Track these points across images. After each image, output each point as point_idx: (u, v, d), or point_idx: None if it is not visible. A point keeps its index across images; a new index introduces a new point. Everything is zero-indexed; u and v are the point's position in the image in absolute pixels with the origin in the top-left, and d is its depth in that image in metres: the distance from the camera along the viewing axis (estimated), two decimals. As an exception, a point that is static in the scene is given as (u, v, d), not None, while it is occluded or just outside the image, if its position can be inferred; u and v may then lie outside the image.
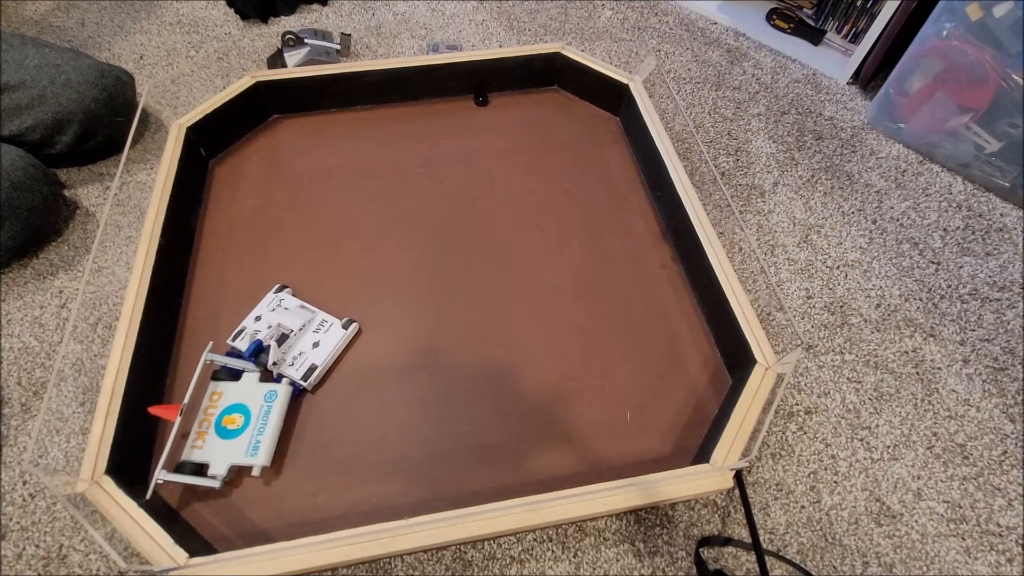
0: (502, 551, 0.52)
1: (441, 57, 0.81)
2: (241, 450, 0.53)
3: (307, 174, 0.76)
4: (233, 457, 0.52)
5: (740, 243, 0.73)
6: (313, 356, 0.58)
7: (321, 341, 0.59)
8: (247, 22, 0.99)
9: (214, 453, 0.53)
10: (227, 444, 0.53)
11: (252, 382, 0.57)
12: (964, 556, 0.53)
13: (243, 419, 0.54)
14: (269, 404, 0.55)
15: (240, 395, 0.56)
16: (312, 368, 0.58)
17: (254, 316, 0.61)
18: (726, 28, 1.01)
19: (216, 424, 0.54)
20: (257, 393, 0.56)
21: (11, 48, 0.71)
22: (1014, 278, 0.70)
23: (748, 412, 0.52)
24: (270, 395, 0.55)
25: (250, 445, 0.53)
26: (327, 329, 0.60)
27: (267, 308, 0.62)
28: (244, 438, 0.53)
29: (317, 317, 0.61)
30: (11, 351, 0.62)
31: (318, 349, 0.59)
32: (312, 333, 0.60)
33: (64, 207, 0.73)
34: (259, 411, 0.55)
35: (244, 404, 0.55)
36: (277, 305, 0.62)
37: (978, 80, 0.72)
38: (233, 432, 0.54)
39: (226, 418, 0.54)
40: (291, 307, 0.62)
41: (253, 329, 0.60)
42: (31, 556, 0.51)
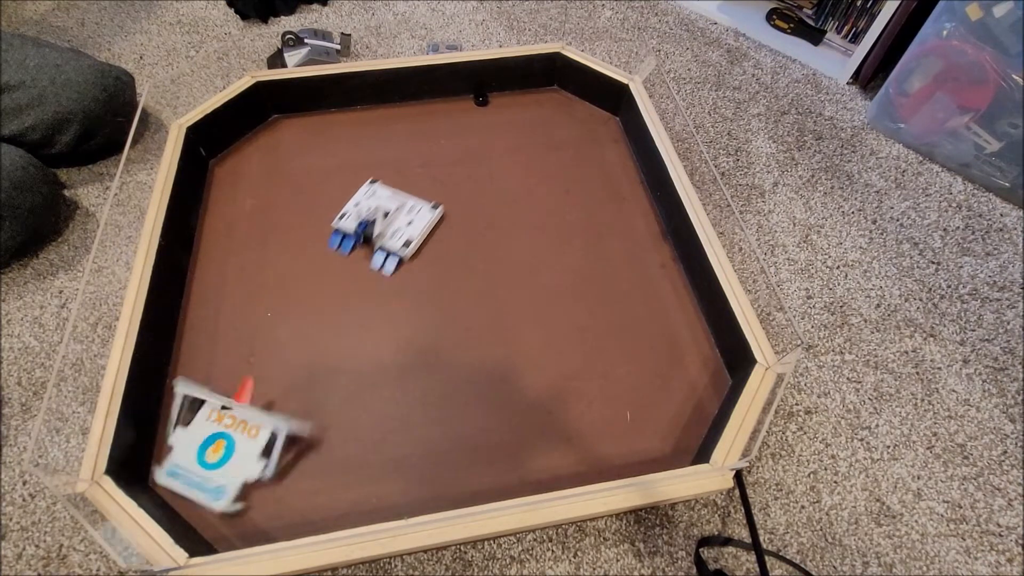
0: (502, 551, 0.52)
1: (441, 57, 0.81)
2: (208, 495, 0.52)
3: (307, 174, 0.76)
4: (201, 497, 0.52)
5: (740, 243, 0.73)
6: (408, 232, 0.68)
7: (414, 220, 0.70)
8: (247, 22, 0.99)
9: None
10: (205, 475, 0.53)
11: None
12: (964, 556, 0.53)
13: (225, 447, 0.54)
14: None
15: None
16: (408, 241, 0.68)
17: (353, 203, 0.70)
18: (726, 28, 1.01)
19: (199, 454, 0.54)
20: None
21: (11, 48, 0.71)
22: (1014, 278, 0.70)
23: (748, 412, 0.52)
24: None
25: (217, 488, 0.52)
26: (418, 210, 0.71)
27: (364, 196, 0.71)
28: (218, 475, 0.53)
29: (408, 201, 0.71)
30: (11, 351, 0.62)
31: (412, 226, 0.69)
32: (406, 214, 0.70)
33: (64, 207, 0.73)
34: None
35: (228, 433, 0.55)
36: (372, 195, 0.71)
37: (978, 80, 0.72)
38: (213, 464, 0.53)
39: (210, 448, 0.54)
40: (384, 194, 0.71)
41: (355, 212, 0.69)
42: (31, 556, 0.51)
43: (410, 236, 0.68)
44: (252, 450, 0.54)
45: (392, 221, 0.69)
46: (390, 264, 0.67)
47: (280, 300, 0.65)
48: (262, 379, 0.60)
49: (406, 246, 0.67)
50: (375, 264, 0.67)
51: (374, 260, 0.68)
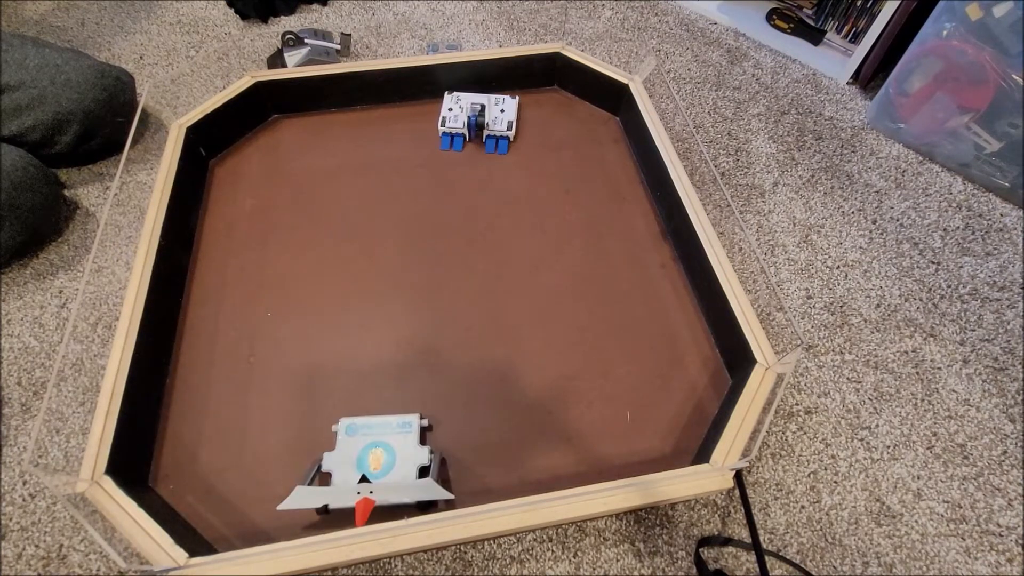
0: (502, 551, 0.52)
1: (441, 57, 0.81)
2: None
3: (307, 174, 0.76)
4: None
5: (740, 243, 0.73)
6: (506, 117, 0.79)
7: (505, 108, 0.80)
8: (247, 22, 0.99)
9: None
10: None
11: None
12: (964, 556, 0.53)
13: (383, 452, 0.52)
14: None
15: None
16: (510, 123, 0.79)
17: (447, 108, 0.79)
18: (726, 28, 1.01)
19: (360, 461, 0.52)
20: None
21: (11, 48, 0.71)
22: (1014, 278, 0.70)
23: (748, 412, 0.52)
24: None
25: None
26: (504, 100, 0.81)
27: (452, 103, 0.80)
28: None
29: (491, 96, 0.81)
30: (11, 351, 0.62)
31: (505, 112, 0.80)
32: (494, 105, 0.80)
33: (64, 207, 0.73)
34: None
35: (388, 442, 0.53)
36: (455, 103, 0.80)
37: (978, 80, 0.72)
38: (384, 468, 0.51)
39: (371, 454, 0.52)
40: (467, 97, 0.80)
41: (454, 114, 0.79)
42: (31, 556, 0.51)
43: (509, 119, 0.79)
44: (411, 442, 0.53)
45: (488, 113, 0.79)
46: (502, 145, 0.79)
47: (280, 300, 0.65)
48: (262, 379, 0.60)
49: (509, 128, 0.78)
50: (489, 148, 0.79)
51: (487, 146, 0.79)
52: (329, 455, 0.53)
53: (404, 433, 0.54)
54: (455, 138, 0.79)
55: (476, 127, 0.78)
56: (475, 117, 0.78)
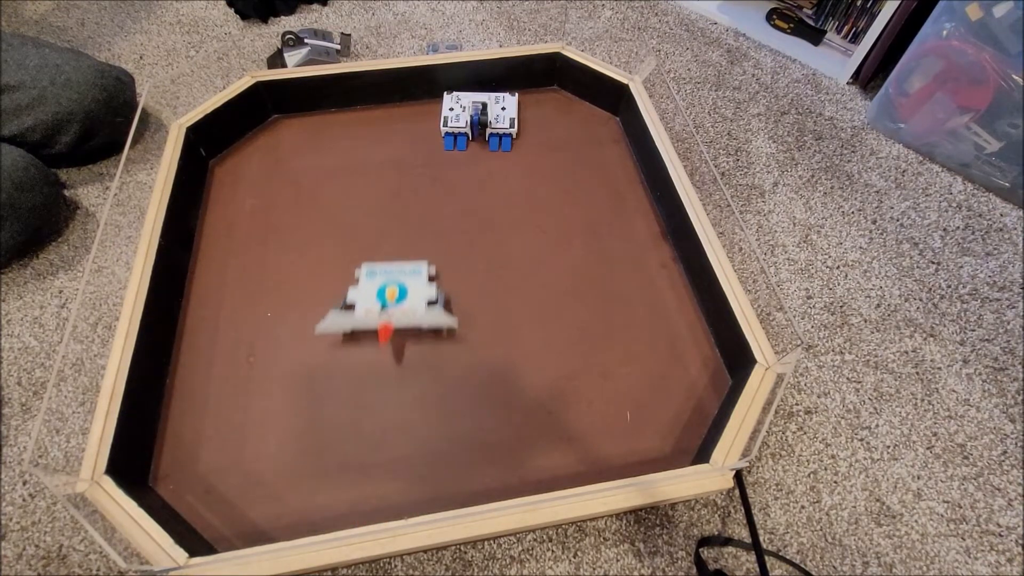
0: (502, 551, 0.52)
1: (441, 57, 0.81)
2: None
3: (307, 174, 0.76)
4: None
5: (740, 243, 0.73)
6: (507, 114, 0.79)
7: (506, 105, 0.80)
8: (247, 22, 0.99)
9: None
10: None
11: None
12: (964, 556, 0.53)
13: (397, 288, 0.62)
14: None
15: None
16: (512, 120, 0.79)
17: (448, 107, 0.79)
18: (726, 28, 1.01)
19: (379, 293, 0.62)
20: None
21: (11, 48, 0.71)
22: (1014, 278, 0.70)
23: (748, 412, 0.52)
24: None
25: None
26: (504, 98, 0.81)
27: (452, 103, 0.80)
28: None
29: (492, 94, 0.81)
30: (11, 351, 0.63)
31: (507, 110, 0.80)
32: (495, 103, 0.80)
33: (64, 207, 0.73)
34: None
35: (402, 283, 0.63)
36: (456, 102, 0.80)
37: (978, 80, 0.72)
38: (399, 299, 0.61)
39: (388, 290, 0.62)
40: (468, 96, 0.81)
41: (455, 114, 0.79)
42: (31, 556, 0.51)
43: (511, 116, 0.79)
44: (421, 282, 0.63)
45: (490, 111, 0.79)
46: (506, 143, 0.79)
47: (280, 300, 0.65)
48: (262, 379, 0.60)
49: (512, 125, 0.79)
50: (493, 147, 0.79)
51: (491, 143, 0.79)
52: (353, 289, 0.63)
53: (415, 275, 0.64)
54: (458, 137, 0.79)
55: (479, 126, 0.78)
56: (478, 116, 0.78)
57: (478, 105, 0.79)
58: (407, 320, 0.60)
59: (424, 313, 0.61)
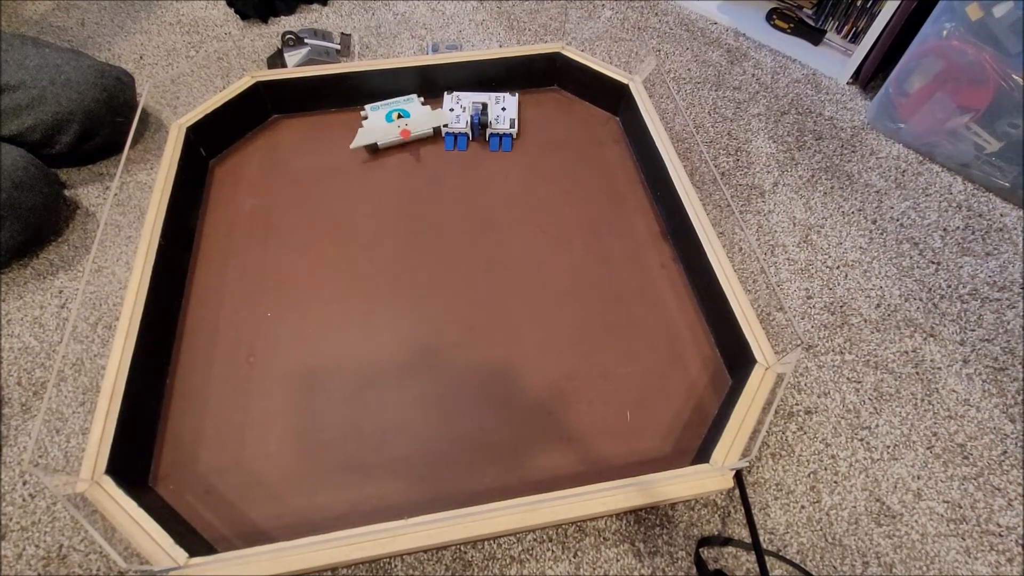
0: (502, 551, 0.52)
1: (441, 57, 0.81)
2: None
3: (307, 174, 0.76)
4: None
5: (740, 243, 0.73)
6: (507, 115, 0.80)
7: (506, 105, 0.81)
8: (247, 22, 0.99)
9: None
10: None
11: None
12: (964, 556, 0.53)
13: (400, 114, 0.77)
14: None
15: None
16: (512, 121, 0.79)
17: (448, 108, 0.80)
18: (726, 28, 1.01)
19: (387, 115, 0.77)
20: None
21: (11, 48, 0.71)
22: (1014, 278, 0.70)
23: (748, 412, 0.52)
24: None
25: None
26: (504, 98, 0.81)
27: (452, 103, 0.81)
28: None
29: (492, 95, 0.81)
30: (11, 351, 0.63)
31: (507, 111, 0.80)
32: (495, 103, 0.81)
33: (64, 207, 0.73)
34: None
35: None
36: (456, 102, 0.81)
37: (978, 80, 0.72)
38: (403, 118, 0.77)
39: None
40: (468, 96, 0.81)
41: (455, 115, 0.79)
42: (31, 556, 0.51)
43: (511, 116, 0.79)
44: (417, 104, 0.79)
45: (490, 111, 0.80)
46: (506, 143, 0.79)
47: (280, 300, 0.65)
48: (262, 379, 0.60)
49: (512, 126, 0.79)
50: (493, 147, 0.79)
51: (491, 144, 0.79)
52: (366, 122, 0.78)
53: (409, 102, 0.80)
54: (459, 138, 0.80)
55: (480, 126, 0.79)
56: (478, 116, 0.78)
57: (478, 105, 0.80)
58: (419, 127, 0.77)
59: (426, 118, 0.78)
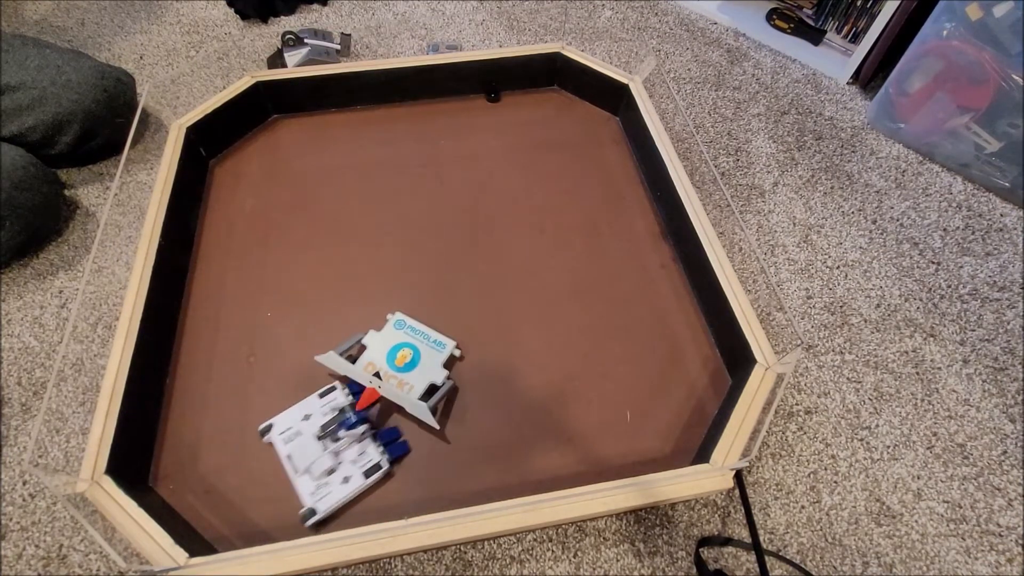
0: (502, 551, 0.52)
1: (441, 57, 0.81)
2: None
3: (307, 174, 0.76)
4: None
5: (740, 243, 0.73)
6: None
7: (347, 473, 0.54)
8: (247, 22, 0.99)
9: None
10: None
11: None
12: (964, 556, 0.53)
13: (412, 354, 0.60)
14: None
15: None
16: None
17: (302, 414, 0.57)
18: (726, 28, 1.01)
19: (389, 360, 0.59)
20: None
21: (12, 49, 0.71)
22: (1014, 278, 0.70)
23: (748, 412, 0.52)
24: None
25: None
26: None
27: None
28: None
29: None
30: (11, 351, 0.63)
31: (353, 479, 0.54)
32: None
33: (64, 207, 0.73)
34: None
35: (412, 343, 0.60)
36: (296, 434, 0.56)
37: (978, 80, 0.72)
38: (402, 368, 0.58)
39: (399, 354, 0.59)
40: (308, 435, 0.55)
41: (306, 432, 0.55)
42: (31, 556, 0.51)
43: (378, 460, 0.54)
44: (436, 360, 0.59)
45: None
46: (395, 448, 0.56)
47: (280, 300, 0.65)
48: (262, 379, 0.60)
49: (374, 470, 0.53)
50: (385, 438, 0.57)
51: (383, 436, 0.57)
52: (374, 333, 0.61)
53: (436, 350, 0.60)
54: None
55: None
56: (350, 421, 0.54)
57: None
58: (395, 397, 0.56)
59: (414, 402, 0.55)
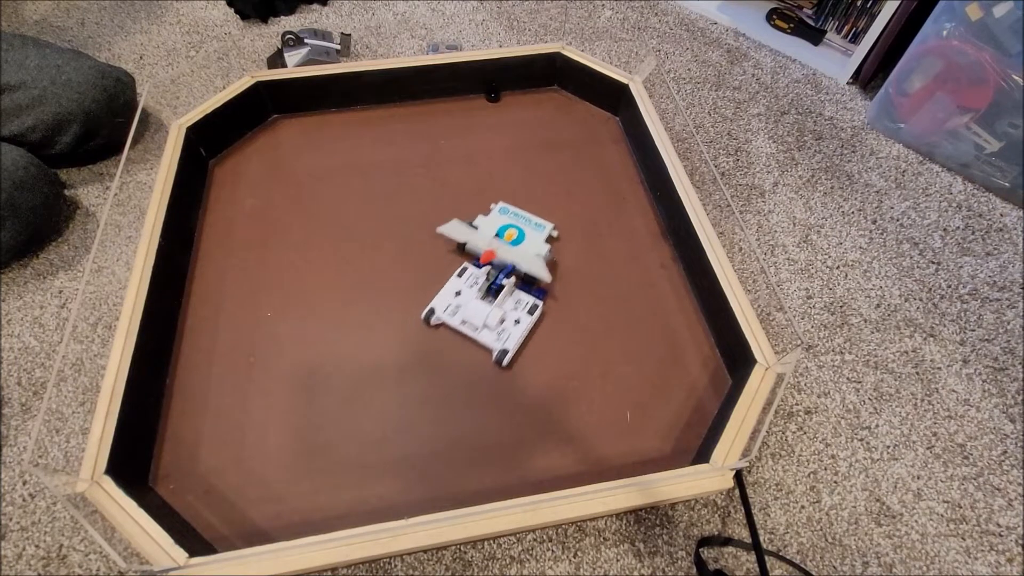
0: (502, 551, 0.52)
1: (441, 57, 0.81)
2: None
3: (307, 174, 0.76)
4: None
5: (740, 243, 0.73)
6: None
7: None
8: (247, 22, 0.99)
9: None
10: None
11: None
12: (964, 556, 0.53)
13: (517, 233, 0.68)
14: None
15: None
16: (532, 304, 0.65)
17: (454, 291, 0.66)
18: (726, 28, 1.01)
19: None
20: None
21: (12, 48, 0.71)
22: (1014, 278, 0.70)
23: (748, 412, 0.52)
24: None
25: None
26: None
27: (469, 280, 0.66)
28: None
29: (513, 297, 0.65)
30: (11, 351, 0.63)
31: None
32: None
33: (64, 207, 0.73)
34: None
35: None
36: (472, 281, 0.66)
37: (978, 80, 0.72)
38: (513, 243, 0.67)
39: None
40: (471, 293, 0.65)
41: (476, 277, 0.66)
42: (31, 556, 0.51)
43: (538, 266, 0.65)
44: (539, 237, 0.68)
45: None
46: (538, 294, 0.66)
47: (280, 300, 0.65)
48: (262, 379, 0.60)
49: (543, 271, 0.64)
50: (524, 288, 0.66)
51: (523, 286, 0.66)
52: (483, 218, 0.70)
53: (537, 231, 0.69)
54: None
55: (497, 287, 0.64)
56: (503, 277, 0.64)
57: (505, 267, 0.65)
58: (510, 257, 0.65)
59: (530, 256, 0.65)
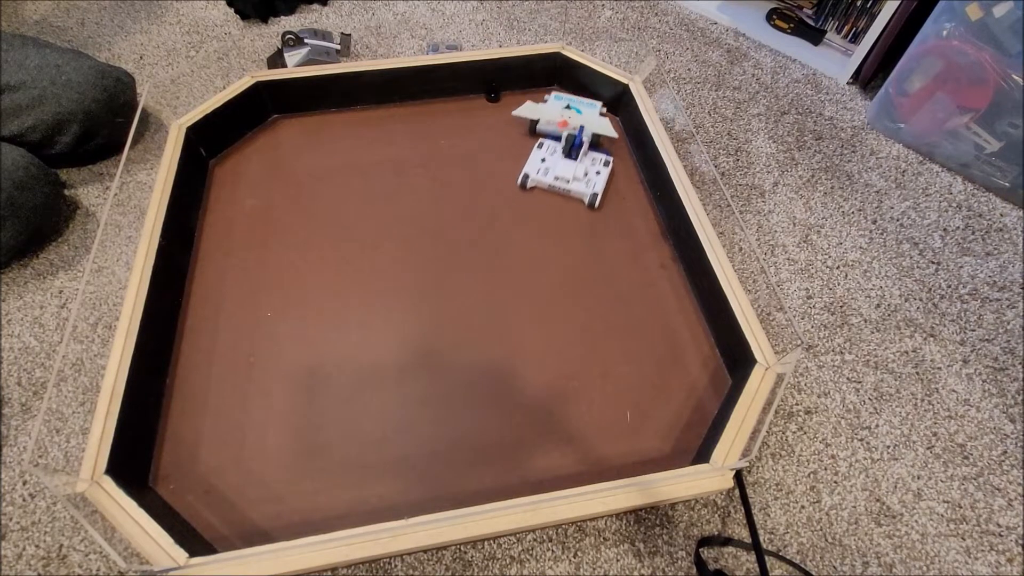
0: (502, 551, 0.52)
1: (441, 57, 0.81)
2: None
3: (307, 174, 0.76)
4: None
5: (740, 243, 0.73)
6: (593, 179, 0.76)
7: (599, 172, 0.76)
8: (247, 22, 0.99)
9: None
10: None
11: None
12: (964, 556, 0.53)
13: (575, 112, 0.79)
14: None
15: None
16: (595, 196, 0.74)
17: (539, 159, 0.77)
18: (726, 28, 1.01)
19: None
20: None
21: (12, 48, 0.71)
22: (1014, 278, 0.70)
23: (748, 412, 0.52)
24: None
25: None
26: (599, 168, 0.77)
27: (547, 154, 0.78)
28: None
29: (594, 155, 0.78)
30: (11, 351, 0.63)
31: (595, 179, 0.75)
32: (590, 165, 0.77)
33: (64, 207, 0.73)
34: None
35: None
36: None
37: (978, 80, 0.72)
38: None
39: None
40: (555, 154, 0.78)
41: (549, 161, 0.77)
42: (31, 556, 0.51)
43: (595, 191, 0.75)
44: (594, 112, 0.79)
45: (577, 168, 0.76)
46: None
47: (280, 300, 0.65)
48: (262, 379, 0.60)
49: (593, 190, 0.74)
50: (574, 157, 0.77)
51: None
52: (542, 105, 0.80)
53: (590, 107, 0.80)
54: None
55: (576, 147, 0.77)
56: (577, 142, 0.76)
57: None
58: (580, 121, 0.77)
59: (598, 119, 0.78)
